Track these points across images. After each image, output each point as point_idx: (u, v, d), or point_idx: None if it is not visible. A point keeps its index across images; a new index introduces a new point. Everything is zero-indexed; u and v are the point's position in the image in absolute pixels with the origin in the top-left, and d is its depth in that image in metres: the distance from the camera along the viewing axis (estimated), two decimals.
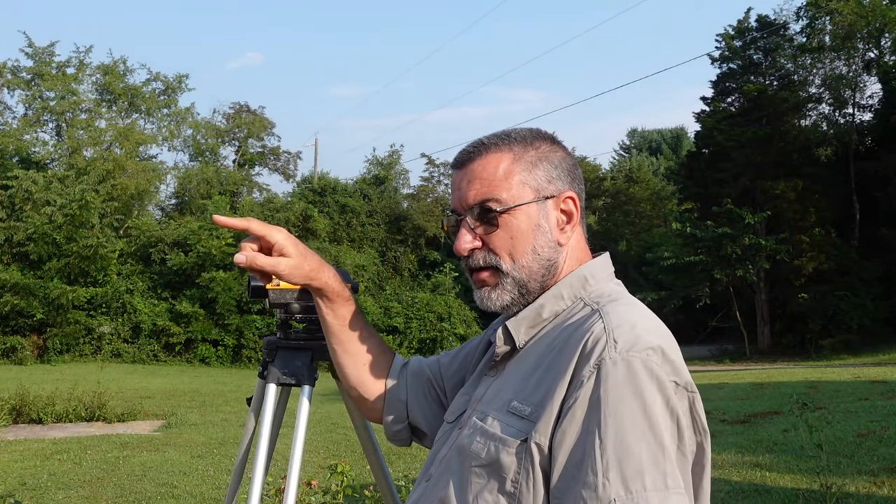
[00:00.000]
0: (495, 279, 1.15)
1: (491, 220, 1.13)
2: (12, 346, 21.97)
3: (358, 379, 1.41)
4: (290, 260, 1.30)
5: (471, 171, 1.16)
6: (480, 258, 1.15)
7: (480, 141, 1.19)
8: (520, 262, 1.13)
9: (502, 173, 1.14)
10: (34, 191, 23.71)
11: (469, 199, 1.15)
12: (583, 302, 1.13)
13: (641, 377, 0.97)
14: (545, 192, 1.15)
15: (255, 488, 1.53)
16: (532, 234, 1.14)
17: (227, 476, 6.87)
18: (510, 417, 1.06)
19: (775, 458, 6.75)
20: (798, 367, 18.73)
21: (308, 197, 28.61)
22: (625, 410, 0.95)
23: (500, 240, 1.14)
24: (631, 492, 0.91)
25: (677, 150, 50.11)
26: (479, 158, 1.16)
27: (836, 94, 27.91)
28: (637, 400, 0.96)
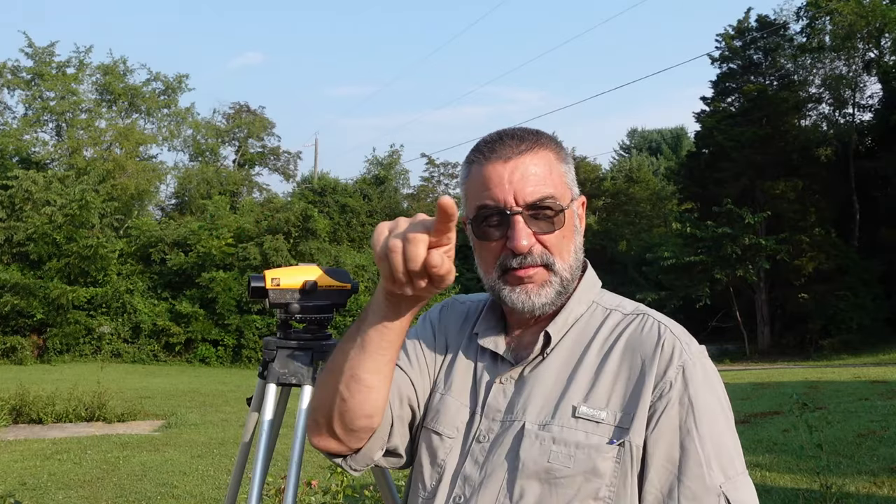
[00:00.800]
0: (546, 276, 1.12)
1: (549, 218, 1.11)
2: (12, 346, 21.97)
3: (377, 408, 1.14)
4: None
5: (522, 164, 1.11)
6: (538, 257, 1.11)
7: (518, 134, 1.14)
8: (567, 261, 1.14)
9: (556, 171, 1.14)
10: (34, 191, 23.71)
11: (527, 194, 1.10)
12: (600, 307, 1.18)
13: (712, 375, 1.11)
14: (574, 195, 1.17)
15: (255, 488, 1.53)
16: (573, 234, 1.16)
17: (227, 476, 6.87)
18: (586, 424, 1.07)
19: (775, 458, 6.75)
20: (798, 367, 18.72)
21: (308, 197, 28.61)
22: (712, 407, 1.08)
23: (556, 239, 1.13)
24: (730, 477, 1.04)
25: (677, 150, 50.10)
26: (530, 154, 1.12)
27: (836, 94, 27.92)
28: (715, 396, 1.09)
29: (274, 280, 1.58)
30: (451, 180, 31.63)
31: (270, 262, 23.08)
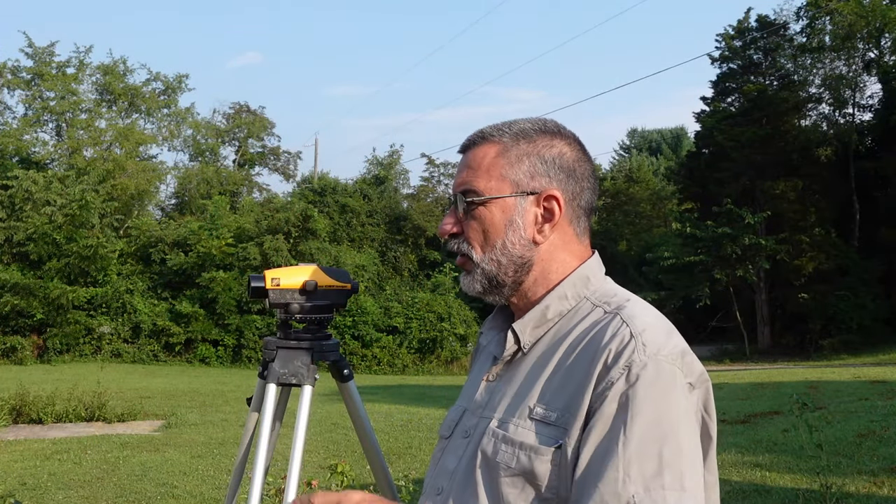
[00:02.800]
0: (469, 266, 1.16)
1: (467, 210, 1.14)
2: (12, 346, 21.98)
3: None
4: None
5: (466, 158, 1.18)
6: (455, 244, 1.17)
7: (482, 130, 1.20)
8: (489, 254, 1.14)
9: (486, 165, 1.15)
10: (34, 191, 23.71)
11: (456, 185, 1.17)
12: (589, 301, 1.12)
13: (670, 380, 1.00)
14: (525, 188, 1.13)
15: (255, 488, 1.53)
16: (504, 229, 1.13)
17: (227, 476, 6.87)
18: (537, 425, 1.04)
19: (775, 458, 6.75)
20: (798, 367, 18.72)
21: (308, 197, 28.60)
22: (652, 411, 0.97)
23: (474, 230, 1.14)
24: (650, 490, 0.93)
25: (677, 150, 50.10)
26: (475, 147, 1.17)
27: (836, 94, 27.92)
28: (665, 402, 0.98)
29: (274, 280, 1.58)
30: (450, 180, 31.60)
31: (270, 262, 23.08)
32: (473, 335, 24.58)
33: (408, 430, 9.47)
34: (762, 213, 24.22)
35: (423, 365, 24.09)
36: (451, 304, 25.04)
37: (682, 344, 1.05)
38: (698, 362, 1.06)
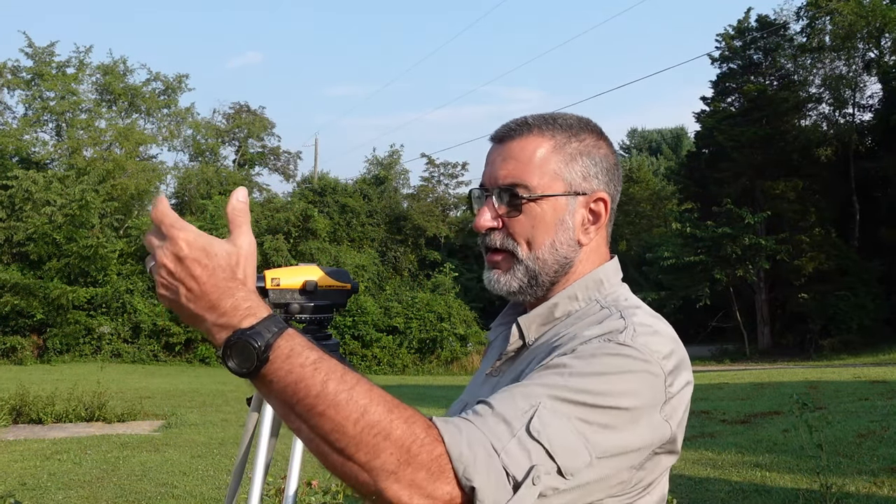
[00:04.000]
0: (508, 264, 1.12)
1: (516, 205, 1.09)
2: (12, 346, 21.98)
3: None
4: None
5: (508, 148, 1.12)
6: (498, 240, 1.12)
7: (525, 120, 1.14)
8: (536, 252, 1.10)
9: (538, 159, 1.10)
10: (34, 191, 23.71)
11: (499, 177, 1.10)
12: (598, 304, 1.10)
13: (646, 366, 0.95)
14: (577, 188, 1.11)
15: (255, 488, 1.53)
16: (554, 228, 1.10)
17: (227, 476, 6.87)
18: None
19: (775, 458, 6.75)
20: (798, 367, 18.72)
21: (308, 197, 28.61)
22: (614, 369, 0.93)
23: (522, 226, 1.10)
24: (557, 413, 0.89)
25: (677, 150, 50.12)
26: (520, 138, 1.12)
27: (836, 94, 27.93)
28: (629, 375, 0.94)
29: (274, 280, 1.58)
30: (451, 180, 31.59)
31: (270, 262, 23.09)
32: (473, 335, 24.58)
33: None
34: (762, 213, 24.24)
35: (423, 365, 24.09)
36: (451, 304, 25.04)
37: (679, 357, 1.01)
38: (688, 377, 1.02)
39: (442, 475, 0.82)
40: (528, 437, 0.86)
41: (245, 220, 0.91)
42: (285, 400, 0.84)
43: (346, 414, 0.82)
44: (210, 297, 0.85)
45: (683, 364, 1.02)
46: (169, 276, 0.86)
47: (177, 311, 0.88)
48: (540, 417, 0.87)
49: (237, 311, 0.85)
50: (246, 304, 0.85)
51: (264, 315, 0.85)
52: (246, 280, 0.89)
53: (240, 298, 0.85)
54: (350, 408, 0.82)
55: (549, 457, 0.85)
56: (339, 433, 0.82)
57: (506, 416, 0.87)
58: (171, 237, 0.85)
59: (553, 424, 0.87)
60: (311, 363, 0.84)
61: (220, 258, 0.86)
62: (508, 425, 0.86)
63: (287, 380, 0.83)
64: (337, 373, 0.84)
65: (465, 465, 0.82)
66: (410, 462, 0.81)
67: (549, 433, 0.86)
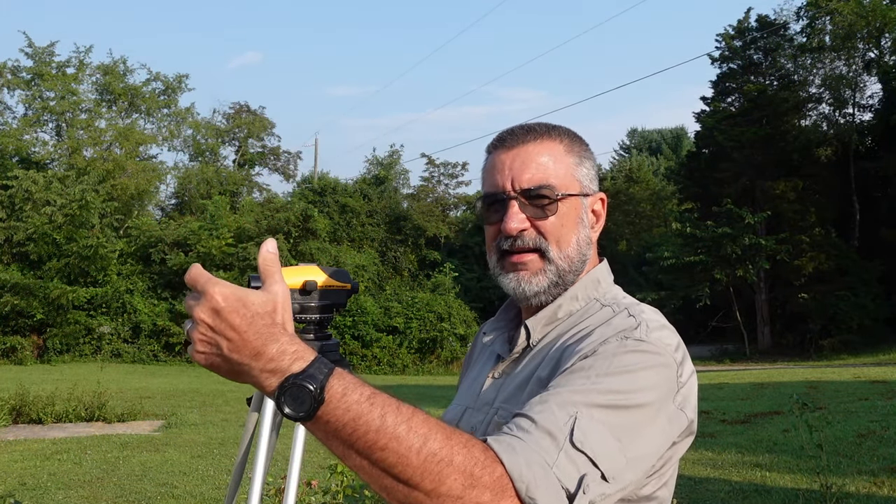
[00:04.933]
0: (540, 264, 1.14)
1: (545, 206, 1.13)
2: (12, 346, 21.98)
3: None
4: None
5: (524, 153, 1.15)
6: (530, 240, 1.14)
7: (530, 126, 1.18)
8: (565, 251, 1.14)
9: (561, 162, 1.15)
10: (34, 191, 23.71)
11: (524, 181, 1.13)
12: (598, 303, 1.16)
13: (660, 359, 1.01)
14: (586, 189, 1.18)
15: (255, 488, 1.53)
16: (577, 226, 1.16)
17: (227, 476, 6.87)
18: (533, 386, 1.08)
19: (775, 458, 6.75)
20: (798, 367, 18.72)
21: (308, 197, 28.61)
22: (634, 366, 0.99)
23: (552, 226, 1.14)
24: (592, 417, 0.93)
25: (677, 150, 50.10)
26: (534, 142, 1.16)
27: (836, 94, 27.92)
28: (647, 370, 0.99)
29: None
30: (450, 180, 31.58)
31: None
32: (473, 335, 24.42)
33: None
34: (762, 213, 24.23)
35: (423, 365, 24.09)
36: (451, 304, 25.04)
37: (683, 350, 1.07)
38: (691, 365, 1.08)
39: (505, 494, 0.84)
40: (573, 449, 0.90)
41: (276, 268, 0.91)
42: (345, 438, 0.84)
43: (407, 445, 0.83)
44: (253, 345, 0.84)
45: (687, 354, 1.08)
46: (209, 330, 0.85)
47: (221, 367, 0.87)
48: (580, 427, 0.91)
49: (284, 355, 0.84)
50: (293, 349, 0.85)
51: (312, 357, 0.85)
52: (285, 325, 0.88)
53: (284, 343, 0.85)
54: (411, 439, 0.83)
55: (592, 464, 0.90)
56: (402, 465, 0.83)
57: (550, 430, 0.91)
58: (206, 293, 0.85)
59: (592, 432, 0.92)
60: (366, 399, 0.84)
61: (256, 306, 0.85)
62: (554, 439, 0.90)
63: (345, 418, 0.83)
64: (392, 405, 0.85)
65: (526, 483, 0.85)
66: (475, 485, 0.83)
67: (591, 442, 0.91)
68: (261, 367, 0.84)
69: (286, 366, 0.83)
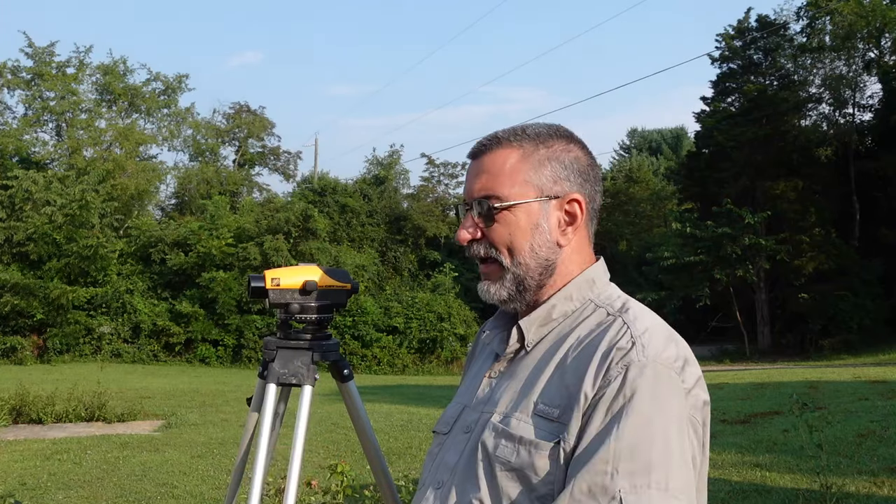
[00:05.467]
0: (497, 274, 1.17)
1: (490, 215, 1.15)
2: (12, 346, 21.98)
3: None
4: None
5: (481, 163, 1.18)
6: (480, 249, 1.17)
7: (495, 134, 1.20)
8: (517, 258, 1.15)
9: (508, 170, 1.16)
10: (34, 191, 23.72)
11: (474, 191, 1.17)
12: (593, 304, 1.15)
13: (666, 383, 1.02)
14: (549, 192, 1.16)
15: (255, 488, 1.53)
16: (530, 233, 1.15)
17: (227, 476, 6.87)
18: (538, 420, 1.07)
19: (775, 458, 6.75)
20: (798, 367, 18.72)
21: (308, 197, 28.60)
22: (646, 410, 0.99)
23: (499, 234, 1.15)
24: (636, 486, 0.95)
25: (677, 150, 50.10)
26: (490, 152, 1.18)
27: (836, 94, 27.92)
28: (659, 403, 1.00)
29: (274, 280, 1.58)
30: (451, 180, 31.58)
31: (270, 262, 23.09)
32: (473, 335, 24.45)
33: (408, 430, 9.47)
34: (762, 213, 24.22)
35: (423, 365, 24.10)
36: (451, 304, 25.04)
37: (683, 352, 1.07)
38: (697, 369, 1.08)
39: None
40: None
41: None
42: None
43: None
44: None
45: (690, 358, 1.07)
46: None
47: None
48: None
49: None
50: None
51: None
52: None
53: None
54: None
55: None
56: None
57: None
58: None
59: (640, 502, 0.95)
60: None
61: None
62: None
63: None
64: None
65: None
66: None
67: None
68: None
69: None
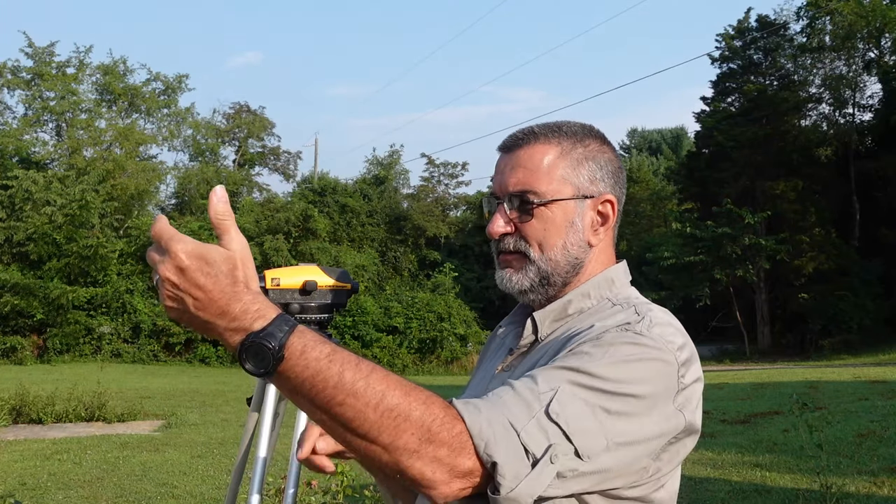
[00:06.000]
0: (520, 264, 1.16)
1: (527, 210, 1.14)
2: (12, 346, 21.97)
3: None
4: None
5: (516, 157, 1.17)
6: (511, 243, 1.16)
7: (531, 129, 1.19)
8: (548, 254, 1.15)
9: (546, 166, 1.15)
10: (34, 191, 23.72)
11: (509, 185, 1.15)
12: (610, 302, 1.15)
13: (660, 353, 1.00)
14: (585, 192, 1.16)
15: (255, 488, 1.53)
16: (564, 230, 1.15)
17: (227, 476, 6.86)
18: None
19: (775, 458, 6.75)
20: (798, 367, 18.72)
21: (308, 197, 28.60)
22: (630, 356, 0.98)
23: (533, 230, 1.15)
24: (576, 396, 0.93)
25: (677, 150, 50.12)
26: (527, 146, 1.16)
27: (836, 94, 27.93)
28: (644, 362, 0.98)
29: (274, 280, 1.58)
30: (450, 180, 31.58)
31: (270, 262, 23.08)
32: (473, 335, 24.56)
33: None
34: (762, 213, 24.23)
35: (423, 365, 24.09)
36: (451, 304, 25.04)
37: (691, 350, 1.06)
38: (698, 373, 1.06)
39: (463, 451, 0.87)
40: (546, 419, 0.90)
41: (231, 222, 0.92)
42: (305, 394, 0.88)
43: (365, 401, 0.86)
44: (219, 304, 0.87)
45: (695, 358, 1.07)
46: (174, 288, 0.87)
47: (186, 321, 0.90)
48: (559, 400, 0.91)
49: (247, 314, 0.87)
50: (255, 307, 0.88)
51: (273, 315, 0.88)
52: (248, 282, 0.90)
53: (247, 301, 0.88)
54: (368, 394, 0.86)
55: (566, 438, 0.90)
56: (360, 419, 0.86)
57: (526, 398, 0.92)
58: (170, 251, 0.86)
59: (571, 407, 0.91)
60: (325, 356, 0.87)
61: (219, 264, 0.87)
62: (528, 406, 0.91)
63: (304, 374, 0.87)
64: (352, 362, 0.88)
65: (485, 441, 0.87)
66: (431, 440, 0.86)
67: (567, 415, 0.91)
68: (225, 325, 0.88)
69: (248, 324, 0.87)
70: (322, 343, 0.89)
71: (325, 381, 0.86)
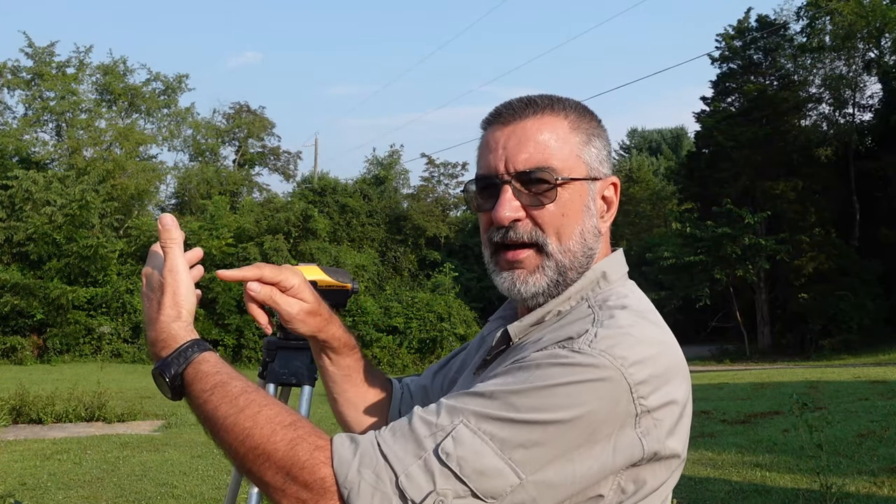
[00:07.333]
0: (537, 261, 0.98)
1: (543, 192, 0.97)
2: (12, 346, 21.97)
3: (360, 425, 1.26)
4: (306, 305, 1.13)
5: (522, 129, 0.99)
6: (525, 233, 0.98)
7: (531, 98, 1.02)
8: (566, 244, 0.98)
9: (565, 141, 0.99)
10: (34, 191, 23.72)
11: (519, 162, 0.97)
12: (587, 303, 0.99)
13: (593, 370, 0.85)
14: (595, 173, 1.02)
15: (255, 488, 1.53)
16: (582, 215, 0.99)
17: (227, 476, 6.86)
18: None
19: (775, 458, 6.75)
20: (798, 367, 18.71)
21: (308, 197, 28.60)
22: (556, 380, 0.84)
23: (551, 215, 0.97)
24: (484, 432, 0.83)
25: (677, 150, 50.11)
26: (533, 118, 0.99)
27: (836, 94, 27.93)
28: (568, 385, 0.84)
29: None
30: (451, 180, 31.57)
31: (270, 262, 23.06)
32: (473, 335, 24.45)
33: None
34: (762, 213, 24.22)
35: (423, 365, 24.07)
36: (451, 304, 25.03)
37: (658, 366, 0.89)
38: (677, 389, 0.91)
39: (326, 495, 0.85)
40: (435, 460, 0.82)
41: (172, 244, 1.01)
42: (199, 418, 0.95)
43: (233, 437, 0.89)
44: (148, 325, 0.98)
45: (669, 374, 0.90)
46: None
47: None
48: (455, 437, 0.83)
49: (157, 343, 0.96)
50: (163, 336, 0.96)
51: (177, 346, 0.95)
52: (179, 306, 0.98)
53: (159, 329, 0.96)
54: (236, 432, 0.89)
55: (458, 480, 0.81)
56: (232, 453, 0.90)
57: (418, 435, 0.85)
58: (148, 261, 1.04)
59: (469, 445, 0.82)
60: (207, 390, 0.93)
61: (156, 290, 0.99)
62: (418, 445, 0.84)
63: (194, 404, 0.94)
64: (227, 399, 0.91)
65: (349, 489, 0.83)
66: (294, 480, 0.85)
67: (462, 455, 0.82)
68: (149, 348, 0.98)
69: (158, 351, 0.96)
70: (212, 375, 0.94)
71: (206, 413, 0.92)
